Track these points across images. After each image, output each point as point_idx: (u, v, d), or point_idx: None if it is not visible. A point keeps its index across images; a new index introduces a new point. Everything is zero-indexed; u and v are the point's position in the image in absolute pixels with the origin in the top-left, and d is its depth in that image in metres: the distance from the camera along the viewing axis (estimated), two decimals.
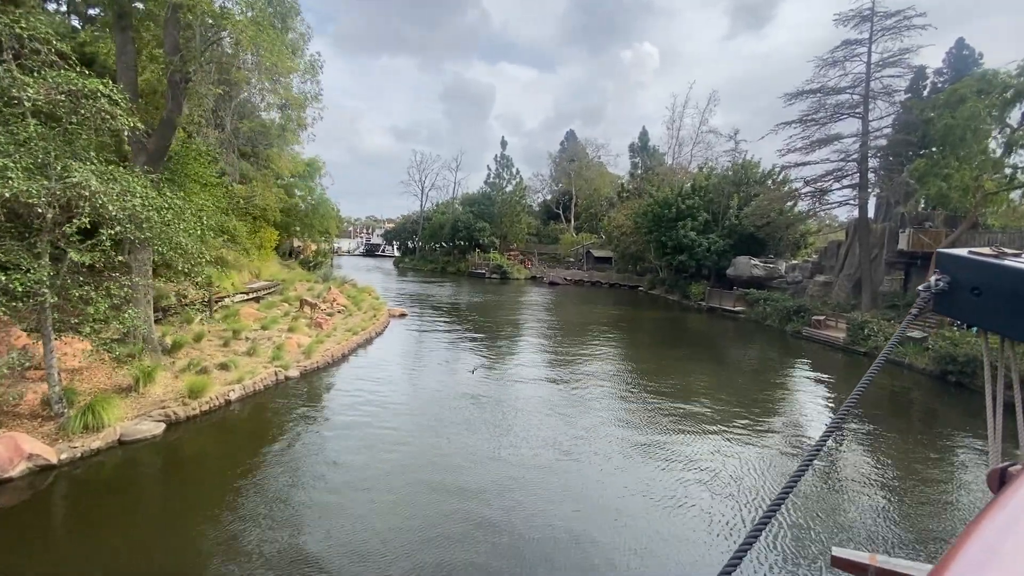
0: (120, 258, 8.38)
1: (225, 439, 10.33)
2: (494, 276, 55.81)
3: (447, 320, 26.27)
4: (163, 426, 9.98)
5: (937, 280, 1.48)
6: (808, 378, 18.03)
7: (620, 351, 21.04)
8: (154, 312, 14.77)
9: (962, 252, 1.51)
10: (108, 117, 8.16)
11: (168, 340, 12.81)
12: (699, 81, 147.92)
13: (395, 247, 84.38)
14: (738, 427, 11.95)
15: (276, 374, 13.32)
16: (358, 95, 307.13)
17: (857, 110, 26.62)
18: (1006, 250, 1.45)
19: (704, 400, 13.91)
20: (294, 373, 13.81)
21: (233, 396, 11.73)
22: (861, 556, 1.51)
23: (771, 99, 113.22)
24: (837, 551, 1.56)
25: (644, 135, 63.29)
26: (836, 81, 26.96)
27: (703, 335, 27.53)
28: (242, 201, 17.78)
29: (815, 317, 25.80)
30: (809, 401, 15.07)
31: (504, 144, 67.59)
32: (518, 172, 65.86)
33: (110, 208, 7.43)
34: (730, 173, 42.08)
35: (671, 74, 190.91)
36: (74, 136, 8.37)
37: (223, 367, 12.77)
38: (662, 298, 43.18)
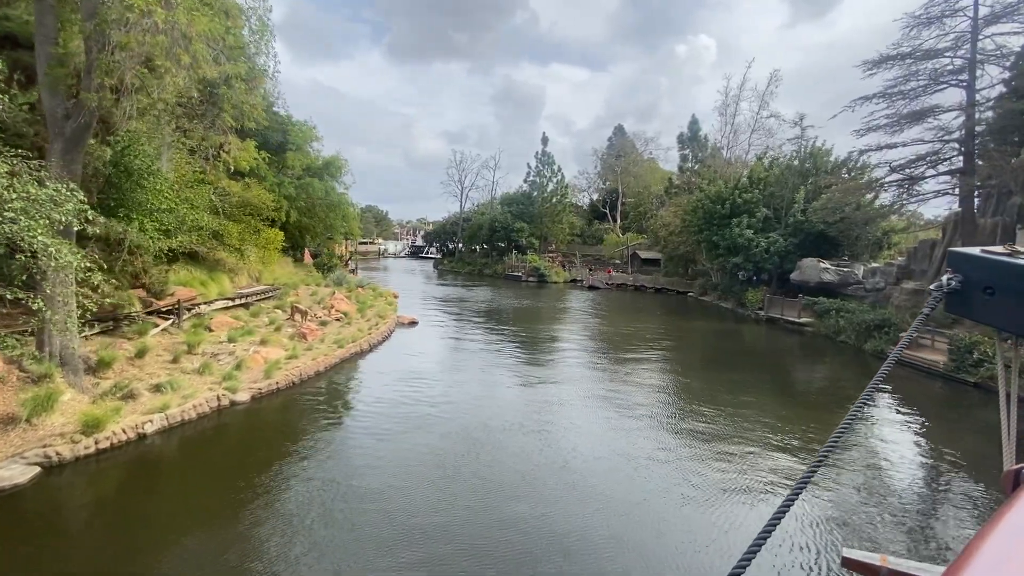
0: None
1: (119, 490, 8.21)
2: (531, 279, 52.99)
3: (465, 329, 23.71)
4: (37, 470, 8.04)
5: (949, 279, 1.44)
6: (898, 417, 13.89)
7: (664, 378, 17.62)
8: (111, 323, 13.28)
9: (974, 250, 1.47)
10: None
11: (95, 356, 11.01)
12: (757, 74, 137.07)
13: (436, 249, 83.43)
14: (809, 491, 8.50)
15: (219, 399, 11.26)
16: (411, 102, 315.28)
17: (960, 76, 21.53)
18: (1020, 248, 1.40)
19: (769, 453, 10.46)
20: (243, 397, 11.70)
21: (150, 428, 9.70)
22: (872, 557, 1.46)
23: (837, 91, 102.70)
24: (848, 552, 1.51)
25: (694, 123, 58.20)
26: (933, 43, 21.96)
27: (763, 353, 23.27)
28: (215, 199, 16.12)
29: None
30: (903, 452, 11.15)
31: (545, 141, 64.66)
32: (559, 169, 62.58)
33: None
34: (795, 162, 36.82)
35: (728, 67, 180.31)
36: None
37: (157, 389, 10.85)
38: (714, 306, 38.57)
